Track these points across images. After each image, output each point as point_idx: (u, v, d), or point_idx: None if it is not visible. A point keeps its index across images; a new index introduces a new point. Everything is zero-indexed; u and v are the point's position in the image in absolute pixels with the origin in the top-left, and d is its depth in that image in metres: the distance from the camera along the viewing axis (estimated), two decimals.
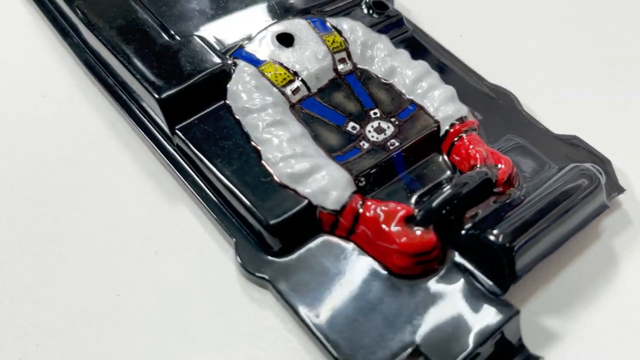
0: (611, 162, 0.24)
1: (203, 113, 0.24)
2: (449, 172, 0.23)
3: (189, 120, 0.24)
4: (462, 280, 0.20)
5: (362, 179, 0.22)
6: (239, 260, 0.21)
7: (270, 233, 0.21)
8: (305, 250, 0.21)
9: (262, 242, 0.21)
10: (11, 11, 0.30)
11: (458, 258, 0.21)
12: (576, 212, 0.21)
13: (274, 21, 0.26)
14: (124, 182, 0.24)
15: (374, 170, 0.22)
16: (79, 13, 0.26)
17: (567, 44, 0.30)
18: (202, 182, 0.23)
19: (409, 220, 0.21)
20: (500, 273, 0.20)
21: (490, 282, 0.20)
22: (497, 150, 0.23)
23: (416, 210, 0.21)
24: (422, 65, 0.25)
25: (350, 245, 0.21)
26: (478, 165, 0.22)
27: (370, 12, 0.28)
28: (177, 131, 0.23)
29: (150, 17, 0.26)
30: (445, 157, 0.24)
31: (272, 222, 0.21)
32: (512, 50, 0.29)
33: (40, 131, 0.25)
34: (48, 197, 0.23)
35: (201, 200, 0.23)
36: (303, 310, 0.20)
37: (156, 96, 0.23)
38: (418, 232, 0.20)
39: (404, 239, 0.20)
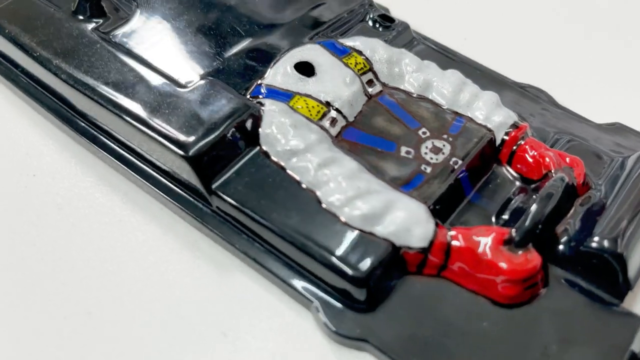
0: None
1: (239, 165, 0.21)
2: (518, 183, 0.21)
3: (225, 176, 0.21)
4: (573, 297, 0.19)
5: (437, 206, 0.20)
6: (329, 323, 0.18)
7: (359, 286, 0.18)
8: (396, 299, 0.19)
9: (348, 298, 0.19)
10: None
11: (562, 273, 0.19)
12: None
13: (284, 50, 0.24)
14: (161, 263, 0.20)
15: (446, 194, 0.20)
16: (61, 74, 0.23)
17: (580, 30, 0.29)
18: (258, 243, 0.20)
19: (508, 242, 0.19)
20: (614, 281, 0.19)
21: (604, 293, 0.19)
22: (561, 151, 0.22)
23: (513, 231, 0.19)
24: (455, 74, 0.24)
25: (443, 283, 0.19)
26: (553, 171, 0.21)
27: (377, 25, 0.26)
28: (215, 190, 0.20)
29: (145, 65, 0.23)
30: (508, 168, 0.22)
31: (360, 274, 0.18)
32: (525, 46, 0.28)
33: (43, 219, 0.21)
34: (83, 298, 0.20)
35: (261, 264, 0.20)
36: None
37: (183, 154, 0.20)
38: (521, 255, 0.18)
39: (509, 266, 0.18)
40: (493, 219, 0.20)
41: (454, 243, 0.19)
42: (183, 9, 0.26)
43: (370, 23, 0.26)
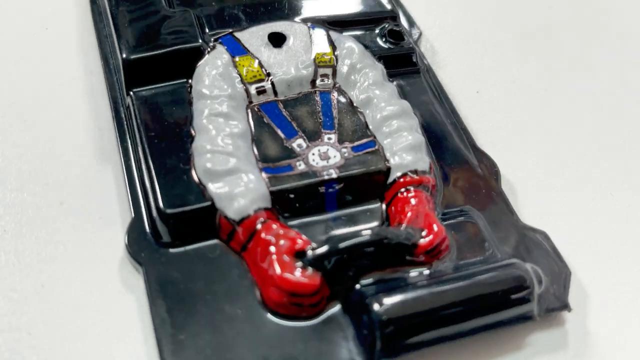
0: (571, 275, 0.21)
1: (164, 85, 0.23)
2: (377, 224, 0.21)
3: (147, 88, 0.23)
4: (331, 337, 0.18)
5: (284, 199, 0.20)
6: (127, 237, 0.20)
7: (163, 221, 0.20)
8: (192, 251, 0.20)
9: (155, 227, 0.20)
10: None
11: (339, 313, 0.19)
12: (488, 311, 0.18)
13: (276, 19, 0.25)
14: (69, 130, 0.24)
15: (296, 193, 0.21)
16: None
17: (581, 130, 0.26)
18: (132, 151, 0.22)
19: (299, 255, 0.19)
20: (372, 345, 0.18)
21: (359, 351, 0.18)
22: (437, 218, 0.21)
23: (310, 249, 0.19)
24: (402, 105, 0.23)
25: (239, 261, 0.20)
26: (403, 225, 0.20)
27: (384, 39, 0.26)
28: (130, 93, 0.23)
29: None
30: (384, 207, 0.22)
31: (168, 211, 0.20)
32: (519, 120, 0.26)
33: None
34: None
35: (124, 168, 0.22)
36: (157, 310, 0.19)
37: (124, 56, 0.23)
38: (301, 271, 0.18)
39: (284, 273, 0.18)
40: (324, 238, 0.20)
41: (260, 229, 0.19)
42: None
43: (377, 31, 0.26)
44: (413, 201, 0.21)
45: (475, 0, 0.31)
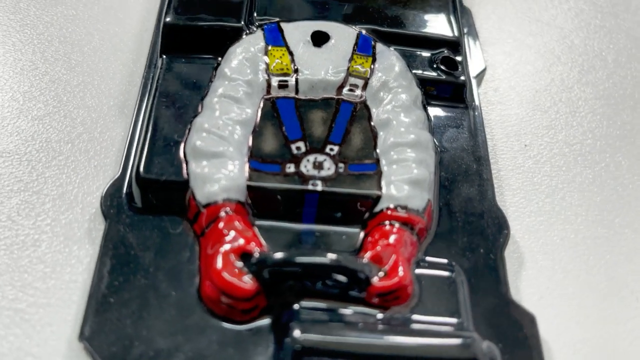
0: None
1: (195, 57, 0.23)
2: (349, 249, 0.20)
3: (178, 56, 0.23)
4: (250, 349, 0.17)
5: (260, 197, 0.20)
6: (104, 191, 0.21)
7: (137, 184, 0.20)
8: (156, 222, 0.20)
9: (130, 189, 0.20)
10: None
11: (267, 327, 0.18)
12: None
13: (332, 19, 0.25)
14: (103, 77, 0.25)
15: (274, 194, 0.20)
16: None
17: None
18: (144, 112, 0.23)
19: (245, 257, 0.18)
20: None
21: None
22: (409, 264, 0.19)
23: (256, 254, 0.18)
24: (421, 136, 0.21)
25: (194, 245, 0.19)
26: (365, 259, 0.19)
27: (435, 65, 0.25)
28: (163, 57, 0.23)
29: None
30: (362, 235, 0.20)
31: (143, 175, 0.20)
32: (557, 189, 0.23)
33: None
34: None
35: (132, 126, 0.22)
36: (101, 266, 0.19)
37: (166, 20, 0.23)
38: (239, 273, 0.18)
39: (223, 271, 0.18)
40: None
41: (222, 216, 0.19)
42: None
43: (427, 54, 0.25)
44: (391, 238, 0.19)
45: (562, 58, 0.28)
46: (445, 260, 0.20)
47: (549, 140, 0.25)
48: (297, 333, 0.17)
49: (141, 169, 0.20)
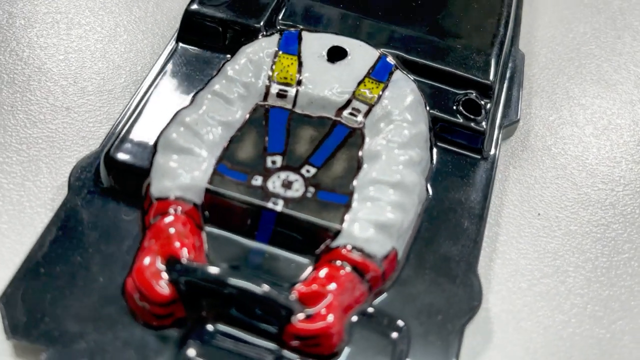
0: None
1: (208, 52, 0.23)
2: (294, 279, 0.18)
3: (194, 47, 0.23)
4: (150, 357, 0.17)
5: (216, 203, 0.19)
6: (75, 164, 0.21)
7: (104, 163, 0.20)
8: (113, 205, 0.20)
9: (98, 167, 0.20)
10: None
11: (176, 340, 0.17)
12: None
13: (364, 37, 0.23)
14: (120, 56, 0.25)
15: (229, 202, 0.19)
16: None
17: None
18: (143, 94, 0.22)
19: (171, 263, 0.17)
20: None
21: None
22: (345, 314, 0.17)
23: (183, 261, 0.17)
24: (408, 178, 0.20)
25: (139, 236, 0.19)
26: (293, 295, 0.17)
27: (456, 105, 0.22)
28: (179, 44, 0.23)
29: None
30: (311, 268, 0.19)
31: (110, 154, 0.20)
32: (560, 270, 0.21)
33: None
34: None
35: (129, 106, 0.22)
36: (45, 235, 0.19)
37: (190, 7, 0.23)
38: (161, 275, 0.17)
39: (138, 268, 0.17)
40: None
41: (170, 213, 0.18)
42: None
43: (453, 93, 0.23)
44: (334, 282, 0.18)
45: (612, 125, 0.25)
46: (395, 317, 0.18)
47: (568, 214, 0.22)
48: (190, 352, 0.16)
49: (112, 148, 0.20)
